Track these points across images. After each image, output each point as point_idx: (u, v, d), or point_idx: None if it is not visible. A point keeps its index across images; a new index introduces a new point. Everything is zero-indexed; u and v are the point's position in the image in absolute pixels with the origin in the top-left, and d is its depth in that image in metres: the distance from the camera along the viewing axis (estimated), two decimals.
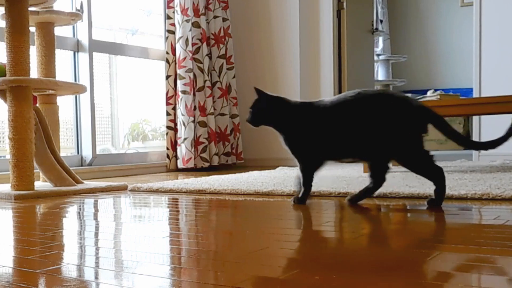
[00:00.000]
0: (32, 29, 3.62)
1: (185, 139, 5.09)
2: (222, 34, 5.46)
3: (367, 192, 2.38)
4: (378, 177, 2.34)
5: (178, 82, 5.15)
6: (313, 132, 2.29)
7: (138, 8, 5.55)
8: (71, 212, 2.41)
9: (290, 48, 5.60)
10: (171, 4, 5.25)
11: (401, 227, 1.80)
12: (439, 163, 2.19)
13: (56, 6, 3.59)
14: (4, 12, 3.16)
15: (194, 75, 5.17)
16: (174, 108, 5.24)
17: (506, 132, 2.16)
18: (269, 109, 2.33)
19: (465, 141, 2.26)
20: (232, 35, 5.70)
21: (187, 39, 5.14)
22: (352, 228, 1.83)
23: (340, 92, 5.68)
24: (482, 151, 4.93)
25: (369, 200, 2.44)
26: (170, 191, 3.17)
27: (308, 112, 2.28)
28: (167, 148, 5.23)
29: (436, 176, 2.20)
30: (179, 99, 5.13)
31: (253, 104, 2.37)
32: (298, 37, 5.56)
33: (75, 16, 3.66)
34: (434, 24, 9.06)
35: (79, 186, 3.32)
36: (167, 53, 5.24)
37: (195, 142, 5.11)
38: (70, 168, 3.48)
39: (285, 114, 2.31)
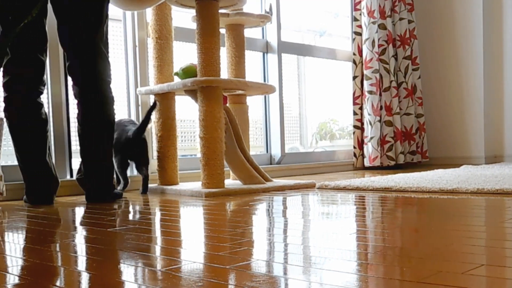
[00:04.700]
0: (222, 30, 3.51)
1: (371, 138, 4.84)
2: (407, 35, 5.15)
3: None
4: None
5: (365, 82, 4.91)
6: None
7: (325, 10, 5.38)
8: (260, 209, 2.28)
9: (474, 49, 5.24)
10: (358, 7, 5.00)
11: None
12: None
13: (245, 9, 3.44)
14: (195, 14, 3.03)
15: (380, 76, 4.90)
16: (361, 108, 5.00)
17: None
18: None
19: None
20: (418, 37, 5.40)
21: (373, 41, 4.88)
22: None
23: None
24: None
25: None
26: (357, 188, 3.02)
27: None
28: (354, 147, 5.01)
29: None
30: (366, 99, 4.89)
31: None
32: (482, 38, 5.19)
33: (264, 18, 3.49)
34: None
35: (268, 184, 3.15)
36: (354, 54, 5.01)
37: (382, 141, 4.86)
38: (260, 167, 3.32)
39: None
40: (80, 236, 1.71)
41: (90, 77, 2.72)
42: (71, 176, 3.27)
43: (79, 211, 2.40)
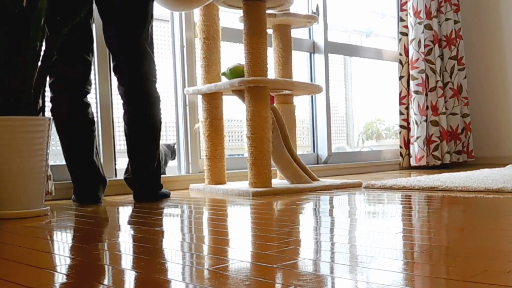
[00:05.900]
0: (269, 31, 3.45)
1: (417, 137, 4.76)
2: (453, 36, 5.05)
3: None
4: None
5: (411, 82, 4.83)
6: None
7: (372, 10, 5.32)
8: (307, 209, 2.25)
9: None
10: (404, 7, 4.92)
11: None
12: None
13: (292, 9, 3.39)
14: (242, 15, 2.99)
15: (427, 76, 4.82)
16: (407, 108, 4.92)
17: None
18: None
19: None
20: (464, 37, 5.31)
21: (419, 41, 4.80)
22: None
23: None
24: None
25: None
26: (403, 188, 2.97)
27: None
28: (400, 147, 4.93)
29: None
30: (412, 99, 4.81)
31: None
32: None
33: (311, 19, 3.44)
34: None
35: (315, 184, 3.10)
36: (400, 54, 4.93)
37: (427, 141, 4.78)
38: (307, 166, 3.27)
39: None
40: (127, 235, 1.68)
41: (135, 77, 2.69)
42: (116, 175, 3.25)
43: (127, 211, 2.38)
